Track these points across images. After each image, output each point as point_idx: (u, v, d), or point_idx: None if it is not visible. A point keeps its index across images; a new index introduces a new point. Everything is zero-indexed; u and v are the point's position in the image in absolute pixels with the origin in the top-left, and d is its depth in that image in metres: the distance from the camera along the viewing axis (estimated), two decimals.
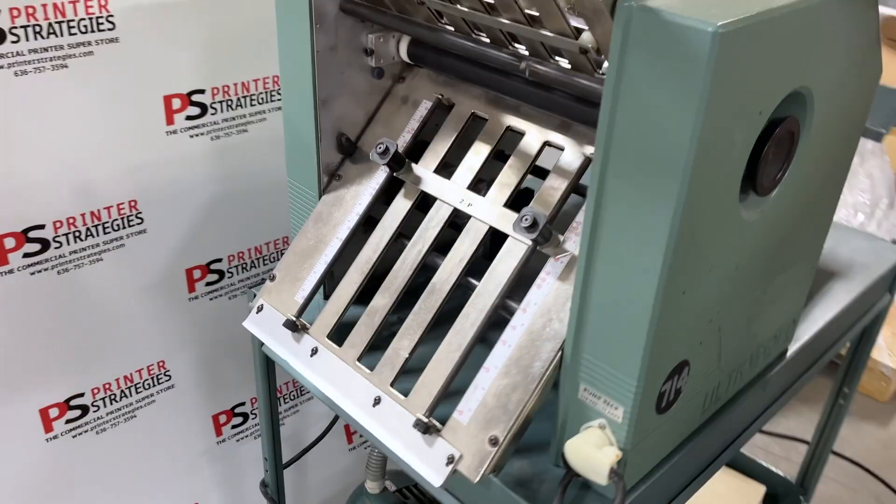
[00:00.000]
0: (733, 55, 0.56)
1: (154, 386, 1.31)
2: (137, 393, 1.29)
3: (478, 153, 0.87)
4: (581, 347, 0.72)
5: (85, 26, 1.01)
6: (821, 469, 1.49)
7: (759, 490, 1.58)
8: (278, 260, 1.40)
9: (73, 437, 1.24)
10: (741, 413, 0.92)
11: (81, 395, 1.23)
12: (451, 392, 0.78)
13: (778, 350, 0.97)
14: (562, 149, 0.83)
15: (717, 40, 0.53)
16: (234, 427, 1.46)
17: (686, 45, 0.55)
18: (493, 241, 0.84)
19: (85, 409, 1.24)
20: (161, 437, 1.35)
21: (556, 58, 0.77)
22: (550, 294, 0.76)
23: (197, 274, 1.30)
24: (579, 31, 0.70)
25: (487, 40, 0.82)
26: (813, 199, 0.83)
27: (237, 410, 1.45)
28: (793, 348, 0.99)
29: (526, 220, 0.74)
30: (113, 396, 1.27)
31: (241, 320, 1.38)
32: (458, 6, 0.78)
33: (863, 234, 1.32)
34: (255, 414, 1.48)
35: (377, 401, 0.81)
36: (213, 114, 1.20)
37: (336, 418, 1.41)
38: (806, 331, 1.03)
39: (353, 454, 1.67)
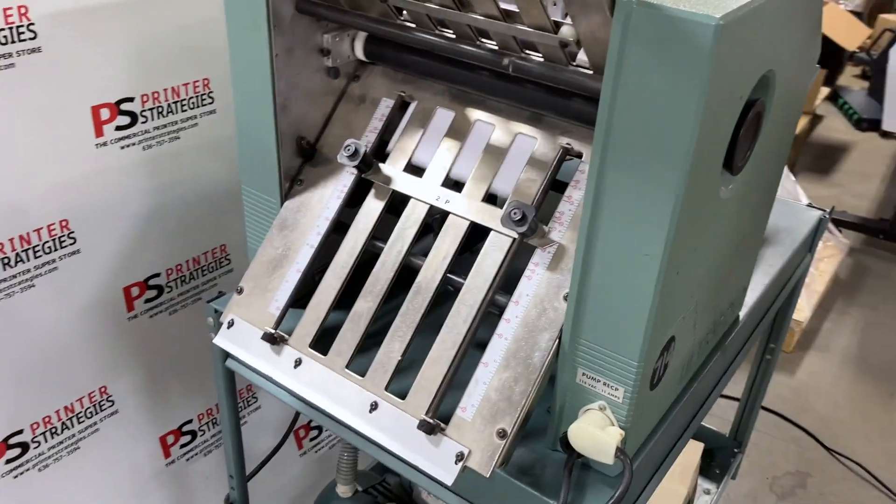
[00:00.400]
0: (728, 46, 0.58)
1: (97, 413, 1.24)
2: (80, 423, 1.22)
3: (448, 149, 0.87)
4: (580, 334, 0.74)
5: (5, 37, 0.93)
6: (753, 422, 1.59)
7: (698, 447, 1.67)
8: (217, 269, 1.36)
9: (15, 477, 1.16)
10: (708, 379, 0.97)
11: (20, 432, 1.14)
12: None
13: (732, 317, 1.03)
14: (534, 140, 0.84)
15: (718, 32, 0.56)
16: (182, 447, 1.40)
17: (688, 38, 0.57)
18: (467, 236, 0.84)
19: (25, 447, 1.16)
20: (108, 466, 1.28)
21: (527, 51, 0.78)
22: (542, 284, 0.77)
23: (135, 291, 1.23)
24: (557, 25, 0.72)
25: (452, 35, 0.82)
26: (766, 173, 0.88)
27: (185, 429, 1.39)
28: (742, 313, 1.06)
29: (515, 214, 0.75)
30: (54, 430, 1.19)
31: (182, 335, 1.34)
32: (428, 3, 0.77)
33: (781, 199, 1.41)
34: (202, 431, 1.43)
35: (374, 406, 0.80)
36: (143, 122, 1.14)
37: (292, 426, 1.38)
38: (751, 296, 1.09)
39: (304, 459, 1.64)
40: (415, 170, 0.89)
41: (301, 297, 0.89)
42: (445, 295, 0.83)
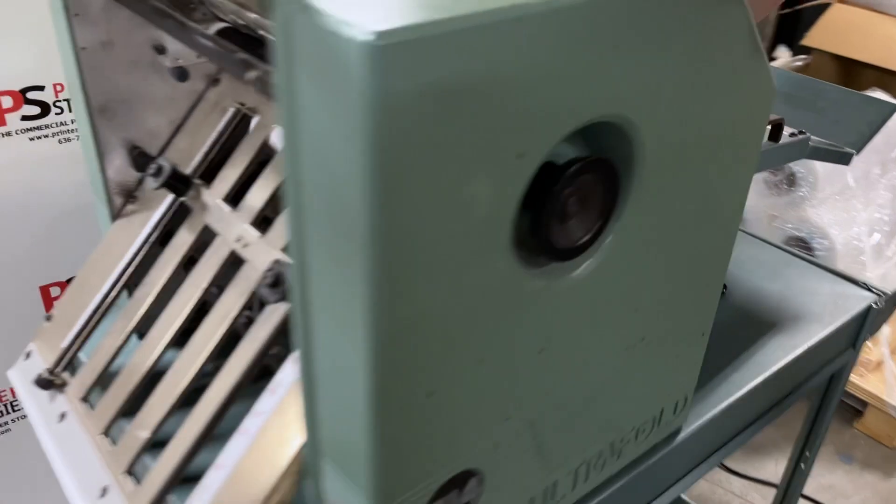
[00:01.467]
0: (424, 75, 0.37)
1: (8, 413, 1.18)
2: None
3: (269, 178, 0.70)
4: (319, 450, 0.54)
5: None
6: None
7: None
8: None
9: None
10: None
11: None
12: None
13: (662, 434, 0.77)
14: None
15: (378, 55, 0.35)
16: None
17: (341, 61, 0.37)
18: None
19: None
20: (21, 467, 1.23)
21: None
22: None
23: (55, 291, 1.16)
24: None
25: None
26: (681, 252, 0.63)
27: None
28: (689, 428, 0.80)
29: (267, 276, 0.57)
30: None
31: None
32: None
33: (829, 274, 1.09)
34: None
35: (104, 491, 0.65)
36: (58, 114, 1.05)
37: None
38: (714, 404, 0.83)
39: None
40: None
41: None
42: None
